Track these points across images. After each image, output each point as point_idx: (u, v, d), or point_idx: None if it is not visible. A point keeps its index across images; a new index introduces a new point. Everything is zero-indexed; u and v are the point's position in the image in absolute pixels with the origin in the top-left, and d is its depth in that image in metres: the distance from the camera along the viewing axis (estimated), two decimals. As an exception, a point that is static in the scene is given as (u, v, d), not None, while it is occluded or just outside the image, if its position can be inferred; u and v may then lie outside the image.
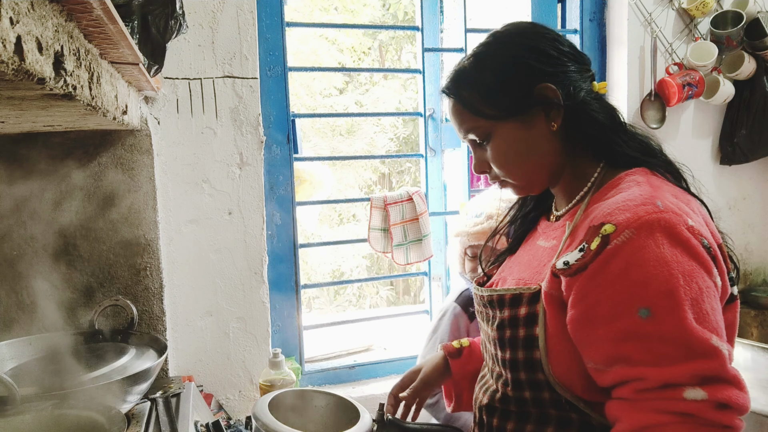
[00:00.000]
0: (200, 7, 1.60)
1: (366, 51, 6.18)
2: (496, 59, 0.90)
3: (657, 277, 0.71)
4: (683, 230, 0.73)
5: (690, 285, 0.71)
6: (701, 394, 0.68)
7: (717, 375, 0.69)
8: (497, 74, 0.88)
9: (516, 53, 0.89)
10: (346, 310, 5.80)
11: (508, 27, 0.93)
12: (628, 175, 0.85)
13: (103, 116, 0.87)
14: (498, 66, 0.89)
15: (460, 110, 0.91)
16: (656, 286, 0.71)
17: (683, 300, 0.70)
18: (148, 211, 1.43)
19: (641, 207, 0.75)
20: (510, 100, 0.88)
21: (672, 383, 0.69)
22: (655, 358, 0.70)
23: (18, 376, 1.10)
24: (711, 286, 0.73)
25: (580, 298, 0.77)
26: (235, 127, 1.66)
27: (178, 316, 1.64)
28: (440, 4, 2.05)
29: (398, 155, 5.81)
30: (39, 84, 0.53)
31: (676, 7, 2.07)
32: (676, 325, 0.70)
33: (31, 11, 0.49)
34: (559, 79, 0.87)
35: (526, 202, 1.07)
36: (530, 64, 0.87)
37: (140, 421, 1.15)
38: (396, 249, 1.89)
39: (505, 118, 0.88)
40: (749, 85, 2.12)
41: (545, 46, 0.88)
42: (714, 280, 0.74)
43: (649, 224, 0.73)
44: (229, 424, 1.58)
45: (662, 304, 0.70)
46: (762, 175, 2.28)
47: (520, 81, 0.87)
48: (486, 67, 0.89)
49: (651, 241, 0.73)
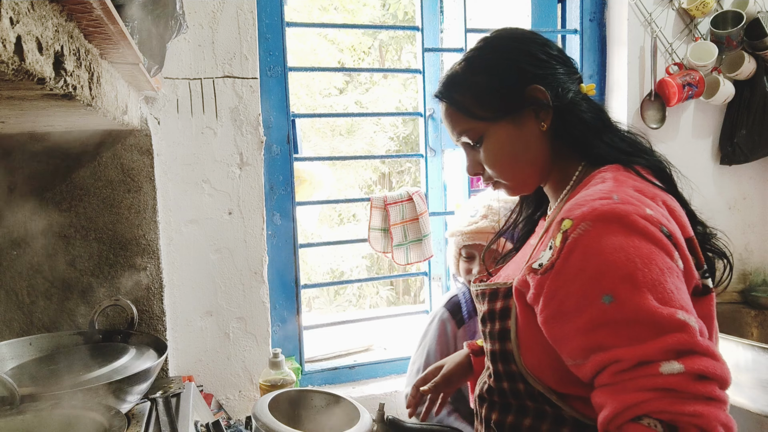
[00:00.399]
0: (200, 7, 1.60)
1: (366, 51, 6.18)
2: (488, 62, 0.93)
3: (614, 264, 0.73)
4: (638, 218, 0.75)
5: (649, 267, 0.73)
6: (677, 366, 0.68)
7: (690, 348, 0.70)
8: (490, 76, 0.92)
9: (508, 56, 0.92)
10: (346, 310, 5.80)
11: (500, 32, 0.97)
12: (600, 172, 0.87)
13: (103, 116, 0.87)
14: (490, 69, 0.92)
15: (453, 113, 0.95)
16: (614, 272, 0.73)
17: (642, 282, 0.72)
18: (148, 211, 1.43)
19: (597, 201, 0.78)
20: (502, 102, 0.91)
21: (647, 360, 0.70)
22: (626, 340, 0.71)
23: (18, 376, 1.10)
24: (673, 267, 0.74)
25: (551, 297, 0.78)
26: (235, 127, 1.66)
27: (178, 316, 1.64)
28: (440, 4, 2.05)
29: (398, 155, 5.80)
30: (39, 84, 0.53)
31: (676, 7, 2.07)
32: (639, 307, 0.71)
33: (31, 11, 0.49)
34: (548, 81, 0.90)
35: (528, 204, 1.09)
36: (521, 67, 0.91)
37: (140, 421, 1.15)
38: (396, 249, 1.89)
39: (498, 119, 0.91)
40: (749, 85, 2.12)
41: (535, 50, 0.92)
42: (676, 263, 0.75)
43: (603, 215, 0.75)
44: (229, 424, 1.58)
45: (622, 288, 0.72)
46: (762, 175, 2.28)
47: (511, 83, 0.91)
48: (479, 70, 0.93)
49: (605, 230, 0.75)
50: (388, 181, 6.28)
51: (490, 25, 2.20)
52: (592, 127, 0.91)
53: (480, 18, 2.28)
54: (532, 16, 2.14)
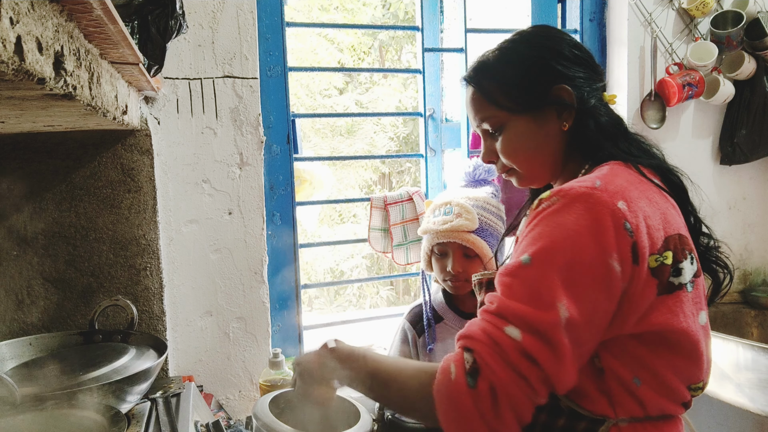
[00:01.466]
0: (200, 7, 1.60)
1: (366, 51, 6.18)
2: (520, 56, 0.95)
3: (549, 236, 0.78)
4: (602, 208, 0.77)
5: (573, 254, 0.76)
6: (517, 334, 0.74)
7: (541, 330, 0.73)
8: (520, 70, 0.94)
9: (539, 53, 0.94)
10: (346, 310, 5.80)
11: (535, 28, 1.00)
12: (602, 166, 0.89)
13: (103, 116, 0.87)
14: (522, 62, 0.94)
15: (479, 99, 0.97)
16: (545, 242, 0.78)
17: (558, 261, 0.76)
18: (148, 211, 1.43)
19: (579, 183, 0.82)
20: (528, 96, 0.93)
21: (503, 315, 0.76)
22: (509, 293, 0.78)
23: (18, 376, 1.10)
24: (598, 266, 0.76)
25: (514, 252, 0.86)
26: (235, 127, 1.66)
27: (178, 316, 1.64)
28: (440, 4, 2.05)
29: (398, 155, 5.80)
30: (39, 84, 0.53)
31: (676, 7, 2.07)
32: (539, 275, 0.76)
33: (31, 11, 0.49)
34: (575, 83, 0.92)
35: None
36: (551, 65, 0.93)
37: (140, 421, 1.15)
38: (396, 249, 1.89)
39: (521, 111, 0.93)
40: (749, 85, 2.12)
41: (566, 50, 0.94)
42: (610, 264, 0.76)
43: (575, 195, 0.79)
44: (229, 424, 1.58)
45: (540, 257, 0.77)
46: (762, 175, 2.28)
47: (540, 79, 0.93)
48: (510, 61, 0.95)
49: (566, 208, 0.79)
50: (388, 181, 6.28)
51: (490, 25, 2.20)
52: (608, 133, 0.94)
53: (480, 18, 2.28)
54: (532, 16, 2.14)
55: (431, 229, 1.51)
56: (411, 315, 1.63)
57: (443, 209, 1.52)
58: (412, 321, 1.62)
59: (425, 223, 1.56)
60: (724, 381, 1.68)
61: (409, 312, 1.65)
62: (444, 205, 1.52)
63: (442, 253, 1.52)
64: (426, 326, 1.59)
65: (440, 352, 1.59)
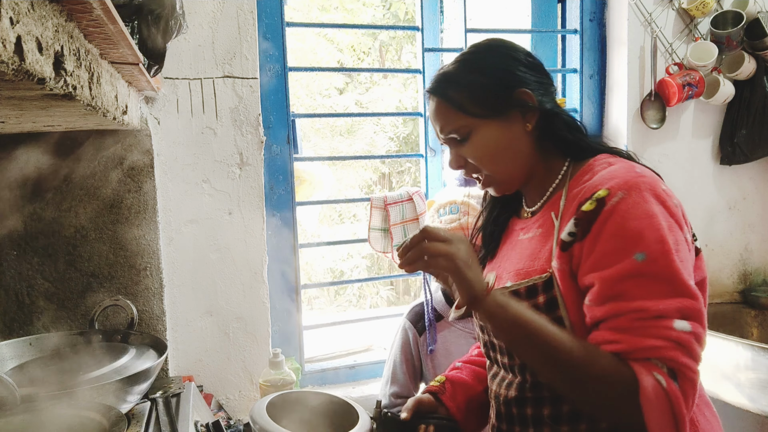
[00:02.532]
0: (200, 7, 1.60)
1: (366, 51, 6.18)
2: (483, 63, 1.02)
3: (649, 227, 0.83)
4: (661, 191, 0.87)
5: (672, 234, 0.84)
6: (687, 326, 0.80)
7: (696, 313, 0.81)
8: (484, 76, 1.00)
9: (501, 60, 1.01)
10: (346, 310, 5.80)
11: (489, 40, 1.07)
12: (596, 160, 0.97)
13: (103, 116, 0.87)
14: (485, 69, 1.01)
15: (445, 109, 1.01)
16: (649, 234, 0.83)
17: (671, 246, 0.82)
18: (148, 211, 1.43)
19: (626, 173, 0.88)
20: (495, 100, 0.98)
21: (664, 315, 0.80)
22: (649, 293, 0.81)
23: (18, 376, 1.10)
24: (686, 238, 0.86)
25: (589, 253, 0.87)
26: (235, 127, 1.66)
27: (178, 316, 1.64)
28: (440, 4, 2.05)
29: (398, 155, 5.80)
30: (39, 84, 0.53)
31: (676, 7, 2.07)
32: (667, 266, 0.81)
33: (31, 11, 0.49)
34: (533, 87, 0.99)
35: (495, 206, 1.15)
36: (512, 71, 1.00)
37: (140, 421, 1.15)
38: (396, 249, 1.89)
39: (488, 116, 0.99)
40: (749, 85, 2.12)
41: (522, 58, 1.02)
42: (685, 235, 0.86)
43: (636, 185, 0.86)
44: (229, 424, 1.58)
45: (655, 248, 0.82)
46: (762, 175, 2.28)
47: (503, 84, 0.99)
48: (474, 69, 1.01)
49: (640, 198, 0.85)
50: (388, 181, 6.27)
51: (490, 25, 2.20)
52: (574, 129, 1.02)
53: (480, 18, 2.28)
54: (532, 16, 2.14)
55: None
56: (411, 314, 1.64)
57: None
58: (413, 320, 1.62)
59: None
60: (724, 381, 1.68)
61: (409, 311, 1.65)
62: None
63: None
64: (427, 326, 1.59)
65: (441, 351, 1.59)
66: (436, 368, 1.59)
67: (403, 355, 1.62)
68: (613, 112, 2.13)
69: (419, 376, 1.64)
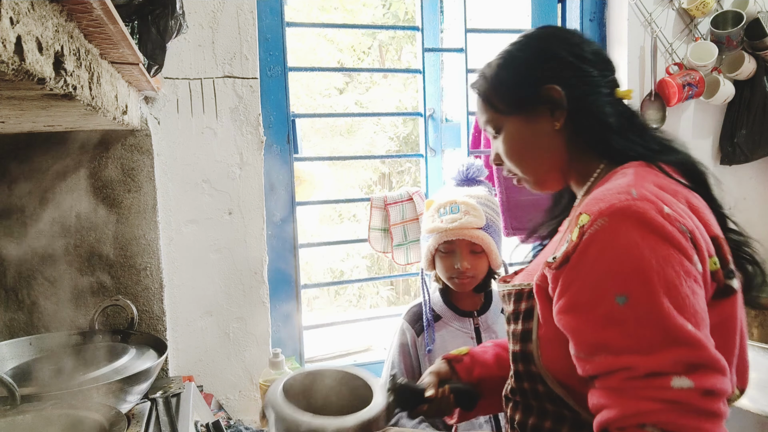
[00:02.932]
0: (200, 7, 1.60)
1: (366, 51, 6.18)
2: (512, 58, 0.98)
3: (630, 263, 0.73)
4: (656, 216, 0.74)
5: (665, 269, 0.72)
6: (688, 382, 0.69)
7: (701, 362, 0.70)
8: (509, 72, 0.97)
9: (530, 56, 0.96)
10: (346, 310, 5.80)
11: (536, 30, 1.01)
12: (622, 168, 0.88)
13: (103, 116, 0.87)
14: (512, 64, 0.97)
15: (479, 102, 1.01)
16: (629, 272, 0.73)
17: (658, 284, 0.71)
18: (148, 211, 1.43)
19: (615, 196, 0.77)
20: (517, 97, 0.95)
21: (659, 372, 0.70)
22: (637, 344, 0.71)
23: (18, 376, 1.10)
24: (690, 270, 0.74)
25: (566, 288, 0.79)
26: (235, 127, 1.66)
27: (178, 316, 1.64)
28: (440, 4, 2.05)
29: (398, 155, 5.80)
30: (39, 84, 0.53)
31: (676, 7, 2.07)
32: (654, 309, 0.71)
33: (31, 11, 0.49)
34: (570, 83, 0.92)
35: (563, 194, 1.10)
36: (541, 66, 0.94)
37: (140, 421, 1.15)
38: (396, 249, 1.89)
39: (511, 112, 0.96)
40: (749, 85, 2.12)
41: (562, 51, 0.94)
42: (695, 266, 0.74)
43: (620, 212, 0.75)
44: (229, 424, 1.58)
45: (638, 289, 0.72)
46: (762, 175, 2.28)
47: (528, 81, 0.94)
48: (503, 64, 0.98)
49: (622, 227, 0.74)
50: (388, 181, 6.27)
51: (490, 25, 2.20)
52: (613, 128, 0.92)
53: (480, 18, 2.28)
54: (532, 16, 2.14)
55: (440, 228, 1.51)
56: (409, 315, 1.64)
57: (449, 208, 1.53)
58: (411, 321, 1.62)
59: (430, 222, 1.56)
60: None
61: (407, 312, 1.65)
62: (449, 203, 1.53)
63: (449, 252, 1.53)
64: (426, 327, 1.59)
65: (440, 351, 1.59)
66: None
67: (401, 356, 1.62)
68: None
69: (418, 377, 1.64)
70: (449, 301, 1.62)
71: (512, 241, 2.00)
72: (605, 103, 0.93)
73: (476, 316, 1.61)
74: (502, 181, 1.91)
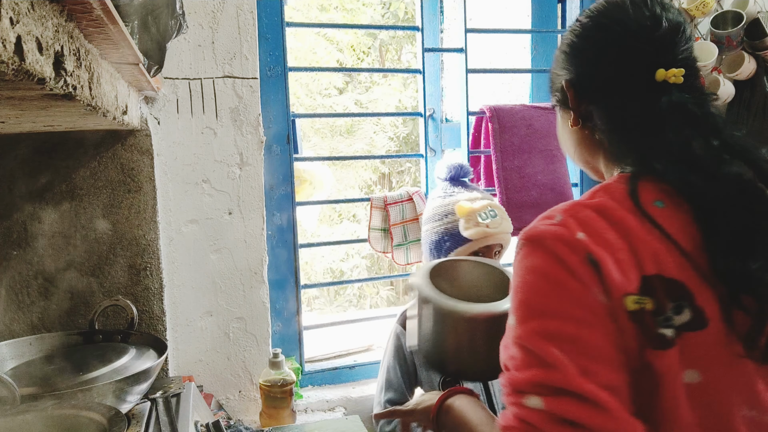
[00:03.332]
0: (200, 7, 1.60)
1: (366, 50, 6.18)
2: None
3: (521, 287, 0.73)
4: (558, 243, 0.71)
5: (549, 296, 0.71)
6: (539, 403, 0.67)
7: (561, 387, 0.66)
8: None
9: (564, 40, 0.90)
10: (346, 310, 5.80)
11: (586, 12, 0.89)
12: (609, 180, 0.81)
13: (103, 116, 0.87)
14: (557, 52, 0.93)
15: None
16: (519, 295, 0.73)
17: (535, 310, 0.71)
18: (148, 211, 1.43)
19: (540, 220, 0.76)
20: (551, 88, 0.94)
21: (519, 389, 0.69)
22: (513, 363, 0.71)
23: (18, 376, 1.10)
24: (583, 300, 0.69)
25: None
26: (235, 127, 1.66)
27: (178, 316, 1.64)
28: (440, 4, 2.05)
29: (398, 155, 5.80)
30: (39, 84, 0.53)
31: (676, 7, 2.07)
32: (523, 332, 0.71)
33: (31, 11, 0.49)
34: (578, 78, 0.86)
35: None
36: (560, 62, 0.89)
37: (140, 421, 1.15)
38: (396, 249, 1.89)
39: (556, 106, 0.94)
40: (749, 85, 2.12)
41: (594, 33, 0.84)
42: (595, 296, 0.69)
43: (531, 237, 0.74)
44: (229, 424, 1.58)
45: (520, 312, 0.73)
46: (762, 175, 2.28)
47: (553, 76, 0.93)
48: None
49: (530, 252, 0.74)
50: (388, 181, 6.27)
51: (490, 25, 2.20)
52: (620, 128, 0.82)
53: (480, 18, 2.28)
54: (532, 16, 2.14)
55: (489, 232, 1.54)
56: (403, 319, 1.65)
57: (488, 211, 1.55)
58: (405, 324, 1.62)
59: (473, 226, 1.55)
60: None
61: (400, 316, 1.67)
62: (487, 207, 1.55)
63: (483, 254, 1.57)
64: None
65: None
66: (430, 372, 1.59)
67: (396, 360, 1.62)
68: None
69: (414, 380, 1.64)
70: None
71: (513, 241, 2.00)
72: (625, 100, 0.83)
73: None
74: (503, 181, 1.91)
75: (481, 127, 2.01)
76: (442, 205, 1.65)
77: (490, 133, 1.92)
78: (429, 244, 1.67)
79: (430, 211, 1.70)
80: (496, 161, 1.91)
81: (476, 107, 1.98)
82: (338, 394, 1.84)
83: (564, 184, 1.98)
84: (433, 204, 1.69)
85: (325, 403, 1.81)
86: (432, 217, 1.67)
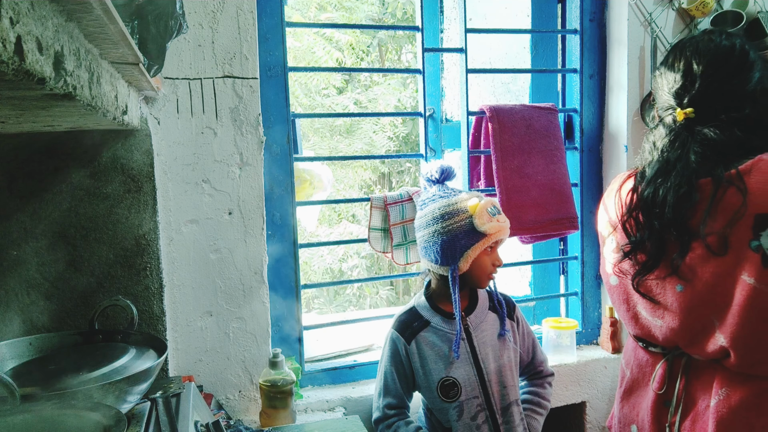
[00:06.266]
0: (200, 7, 1.60)
1: (365, 50, 6.17)
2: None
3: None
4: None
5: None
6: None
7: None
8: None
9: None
10: (346, 310, 5.80)
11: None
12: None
13: (103, 116, 0.87)
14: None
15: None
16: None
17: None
18: (148, 211, 1.43)
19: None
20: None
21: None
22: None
23: (18, 376, 1.10)
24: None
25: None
26: (235, 127, 1.66)
27: (178, 316, 1.64)
28: (440, 4, 2.05)
29: (398, 155, 5.80)
30: (39, 84, 0.53)
31: (676, 7, 2.07)
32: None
33: (31, 11, 0.49)
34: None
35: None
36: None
37: (140, 421, 1.15)
38: (396, 249, 1.89)
39: None
40: (749, 85, 2.12)
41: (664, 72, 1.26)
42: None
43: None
44: (229, 424, 1.58)
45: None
46: (762, 175, 2.28)
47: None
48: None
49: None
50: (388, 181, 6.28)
51: (490, 25, 2.20)
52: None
53: (480, 18, 2.29)
54: (532, 16, 2.14)
55: (502, 226, 1.57)
56: (398, 324, 1.65)
57: (494, 208, 1.59)
58: (400, 329, 1.64)
59: (486, 221, 1.55)
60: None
61: (395, 321, 1.67)
62: (492, 204, 1.59)
63: (492, 249, 1.60)
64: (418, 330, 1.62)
65: (431, 357, 1.59)
66: (427, 375, 1.59)
67: (393, 366, 1.62)
68: (613, 112, 2.13)
69: (412, 384, 1.64)
70: (436, 306, 1.64)
71: (512, 241, 2.00)
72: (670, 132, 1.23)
73: (465, 315, 1.62)
74: (502, 181, 1.91)
75: (481, 127, 2.01)
76: (449, 204, 1.59)
77: (490, 133, 1.92)
78: (437, 245, 1.59)
79: (436, 212, 1.61)
80: (496, 161, 1.91)
81: (476, 107, 1.98)
82: (338, 394, 1.84)
83: (564, 184, 1.98)
84: (436, 204, 1.60)
85: (325, 403, 1.81)
86: (440, 217, 1.59)
